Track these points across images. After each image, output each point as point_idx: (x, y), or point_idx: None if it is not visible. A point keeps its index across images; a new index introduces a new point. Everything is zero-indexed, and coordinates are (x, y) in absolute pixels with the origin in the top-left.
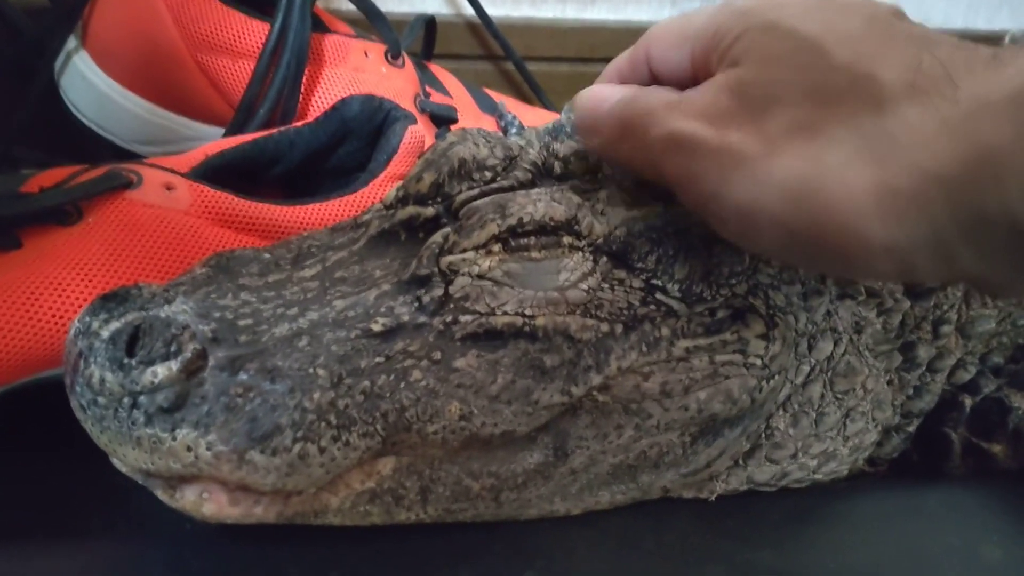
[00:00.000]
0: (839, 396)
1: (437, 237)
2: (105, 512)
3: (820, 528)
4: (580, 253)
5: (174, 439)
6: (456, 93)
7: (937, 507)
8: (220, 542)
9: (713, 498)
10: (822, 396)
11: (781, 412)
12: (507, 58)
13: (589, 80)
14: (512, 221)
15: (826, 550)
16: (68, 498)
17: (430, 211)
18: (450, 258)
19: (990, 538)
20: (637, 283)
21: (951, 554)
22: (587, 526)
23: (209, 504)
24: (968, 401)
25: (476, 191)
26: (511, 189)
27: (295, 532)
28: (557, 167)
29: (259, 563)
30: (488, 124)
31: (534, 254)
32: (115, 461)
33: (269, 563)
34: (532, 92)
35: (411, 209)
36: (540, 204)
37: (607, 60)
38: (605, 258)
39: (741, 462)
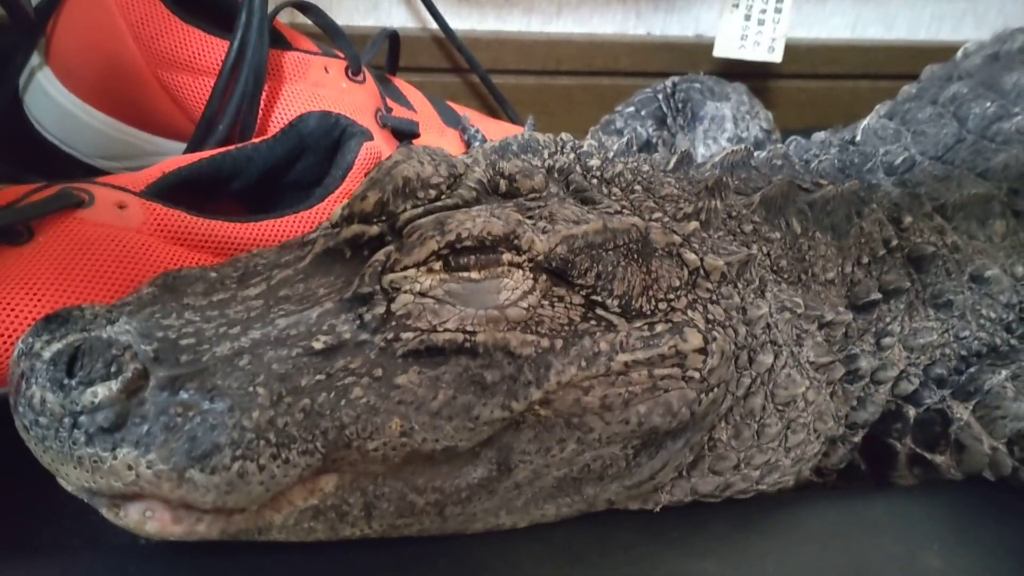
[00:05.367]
0: (780, 408)
1: (379, 255)
2: (57, 527)
3: (764, 538)
4: (520, 271)
5: (115, 458)
6: (420, 107)
7: (881, 516)
8: (173, 557)
9: (658, 509)
10: (763, 408)
11: (723, 424)
12: (473, 71)
13: (555, 92)
14: (451, 237)
15: (770, 559)
16: (20, 514)
17: (375, 229)
18: (392, 276)
19: (931, 547)
20: (577, 299)
21: (892, 562)
22: (532, 539)
23: (152, 522)
24: (912, 412)
25: (420, 209)
26: (455, 207)
27: (246, 547)
28: (503, 185)
29: None
30: (452, 137)
31: (474, 275)
32: (60, 480)
33: None
34: (498, 104)
35: (356, 227)
36: (479, 220)
37: (573, 73)
38: (545, 276)
39: (685, 473)
